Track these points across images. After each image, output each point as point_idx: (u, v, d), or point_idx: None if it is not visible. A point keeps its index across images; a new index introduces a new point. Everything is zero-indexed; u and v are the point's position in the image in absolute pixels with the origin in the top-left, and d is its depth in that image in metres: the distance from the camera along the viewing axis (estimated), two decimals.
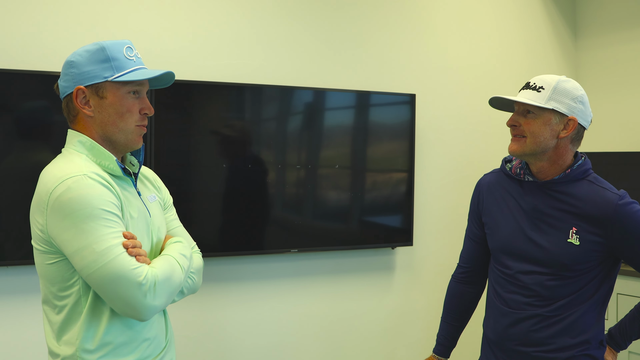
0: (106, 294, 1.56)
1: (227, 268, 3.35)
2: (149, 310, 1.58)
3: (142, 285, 1.55)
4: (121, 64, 1.68)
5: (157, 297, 1.58)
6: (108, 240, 1.54)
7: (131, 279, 1.54)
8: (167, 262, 1.67)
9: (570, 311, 1.99)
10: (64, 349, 1.63)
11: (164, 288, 1.60)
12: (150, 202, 1.83)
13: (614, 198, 1.94)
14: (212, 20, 3.29)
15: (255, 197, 3.33)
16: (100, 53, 1.66)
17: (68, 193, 1.55)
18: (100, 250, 1.53)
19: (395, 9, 3.79)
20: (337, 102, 3.54)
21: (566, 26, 4.49)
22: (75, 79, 1.66)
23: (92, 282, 1.56)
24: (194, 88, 3.16)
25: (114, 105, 1.68)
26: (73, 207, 1.54)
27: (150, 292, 1.56)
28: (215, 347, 3.34)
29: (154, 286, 1.57)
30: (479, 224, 2.23)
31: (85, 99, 1.67)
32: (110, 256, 1.53)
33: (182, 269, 1.70)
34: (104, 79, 1.66)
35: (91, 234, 1.53)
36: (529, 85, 2.00)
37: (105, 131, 1.69)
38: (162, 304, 1.61)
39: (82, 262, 1.54)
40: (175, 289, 1.66)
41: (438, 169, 3.95)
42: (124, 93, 1.69)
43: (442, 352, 2.35)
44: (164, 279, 1.61)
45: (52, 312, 1.67)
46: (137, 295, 1.54)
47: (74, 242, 1.54)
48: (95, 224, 1.54)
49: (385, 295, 3.81)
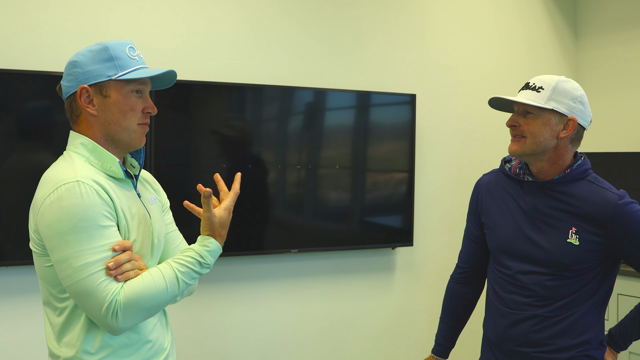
0: (82, 308, 1.58)
1: (227, 268, 3.35)
2: (113, 331, 1.57)
3: (105, 308, 1.53)
4: (124, 62, 1.68)
5: (123, 320, 1.55)
6: (85, 257, 1.53)
7: (97, 300, 1.53)
8: (150, 280, 1.61)
9: (570, 312, 1.99)
10: (65, 350, 1.63)
11: (131, 311, 1.56)
12: (151, 204, 1.82)
13: (614, 198, 1.94)
14: (212, 20, 3.29)
15: (256, 198, 3.33)
16: (103, 52, 1.67)
17: (58, 202, 1.55)
18: (77, 266, 1.53)
19: (395, 9, 3.79)
20: (338, 102, 3.54)
21: (567, 26, 4.48)
22: (79, 79, 1.66)
23: (70, 294, 1.58)
24: (194, 88, 3.16)
25: (117, 104, 1.68)
26: (60, 216, 1.54)
27: (113, 316, 1.54)
28: (215, 348, 3.34)
29: (118, 310, 1.54)
30: (478, 224, 2.23)
31: (89, 98, 1.67)
32: (84, 274, 1.53)
33: (169, 287, 1.62)
34: (108, 78, 1.66)
35: (72, 247, 1.53)
36: (528, 85, 2.00)
37: (108, 130, 1.69)
38: (129, 324, 1.58)
39: (61, 274, 1.56)
40: (152, 307, 1.61)
41: (438, 169, 3.95)
42: (127, 92, 1.69)
43: (440, 352, 2.34)
44: (133, 300, 1.56)
45: (53, 313, 1.67)
46: (100, 316, 1.54)
47: (56, 252, 1.55)
48: (78, 236, 1.54)
49: (386, 296, 3.81)
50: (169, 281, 1.62)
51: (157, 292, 1.60)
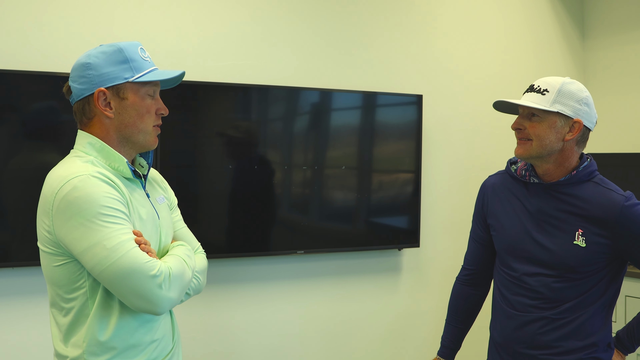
0: (120, 289, 1.55)
1: (233, 269, 3.35)
2: (164, 301, 1.57)
3: (156, 277, 1.55)
4: (139, 64, 1.68)
5: (172, 289, 1.58)
6: (118, 237, 1.54)
7: (145, 272, 1.53)
8: (176, 260, 1.68)
9: (577, 314, 1.98)
10: (71, 350, 1.63)
11: (177, 281, 1.61)
12: (159, 203, 1.83)
13: (620, 199, 1.93)
14: (218, 20, 3.29)
15: (262, 198, 3.33)
16: (118, 54, 1.66)
17: (74, 192, 1.54)
18: (111, 246, 1.52)
19: (402, 10, 3.78)
20: (344, 102, 3.53)
21: (574, 26, 4.46)
22: (94, 81, 1.65)
23: (104, 279, 1.55)
24: (200, 89, 3.16)
25: (134, 106, 1.68)
26: (80, 205, 1.53)
27: (165, 283, 1.56)
28: (221, 349, 3.34)
29: (169, 277, 1.58)
30: (484, 226, 2.22)
31: (106, 101, 1.66)
32: (121, 251, 1.53)
33: (189, 267, 1.71)
34: (125, 80, 1.66)
35: (100, 231, 1.53)
36: (533, 87, 1.99)
37: (124, 132, 1.69)
38: (176, 296, 1.61)
39: (93, 260, 1.53)
40: (186, 284, 1.67)
41: (445, 170, 3.94)
42: (143, 94, 1.69)
43: (446, 354, 2.34)
44: (177, 272, 1.62)
45: (60, 314, 1.67)
46: (152, 287, 1.54)
47: (83, 241, 1.53)
48: (104, 221, 1.54)
49: (392, 297, 3.80)
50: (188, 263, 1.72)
51: (187, 270, 1.68)
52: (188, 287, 1.71)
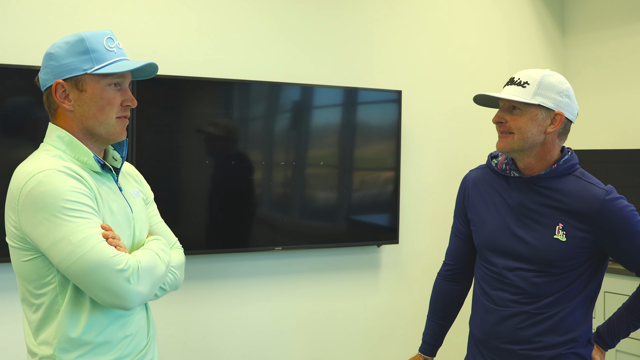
0: (87, 285, 1.52)
1: (211, 266, 3.32)
2: (133, 296, 1.54)
3: (123, 271, 1.51)
4: (101, 55, 1.63)
5: (141, 283, 1.55)
6: (84, 231, 1.51)
7: (111, 266, 1.50)
8: (148, 253, 1.65)
9: (558, 309, 1.97)
10: (42, 348, 1.61)
11: (147, 275, 1.58)
12: (134, 197, 1.80)
13: (601, 193, 1.92)
14: (197, 14, 3.26)
15: (240, 195, 3.30)
16: (79, 45, 1.62)
17: (39, 187, 1.51)
18: (77, 241, 1.49)
19: (382, 6, 3.77)
20: (324, 98, 3.52)
21: (554, 23, 4.48)
22: (55, 72, 1.62)
23: (71, 275, 1.52)
24: (177, 83, 3.12)
25: (94, 99, 1.64)
26: (45, 200, 1.51)
27: (133, 277, 1.53)
28: (200, 346, 3.31)
29: (137, 271, 1.55)
30: (465, 221, 2.20)
31: (65, 93, 1.63)
32: (87, 246, 1.49)
33: (162, 261, 1.67)
34: (83, 72, 1.62)
35: (66, 226, 1.50)
36: (513, 80, 1.97)
37: (86, 125, 1.66)
38: (146, 291, 1.58)
39: (59, 255, 1.51)
40: (158, 278, 1.63)
41: (424, 166, 3.93)
42: (104, 85, 1.65)
43: (428, 350, 2.32)
44: (146, 266, 1.59)
45: (30, 310, 1.64)
46: (119, 281, 1.51)
47: (49, 236, 1.51)
48: (70, 215, 1.51)
49: (371, 294, 3.79)
50: (162, 257, 1.68)
51: (159, 263, 1.65)
52: (162, 281, 1.67)
